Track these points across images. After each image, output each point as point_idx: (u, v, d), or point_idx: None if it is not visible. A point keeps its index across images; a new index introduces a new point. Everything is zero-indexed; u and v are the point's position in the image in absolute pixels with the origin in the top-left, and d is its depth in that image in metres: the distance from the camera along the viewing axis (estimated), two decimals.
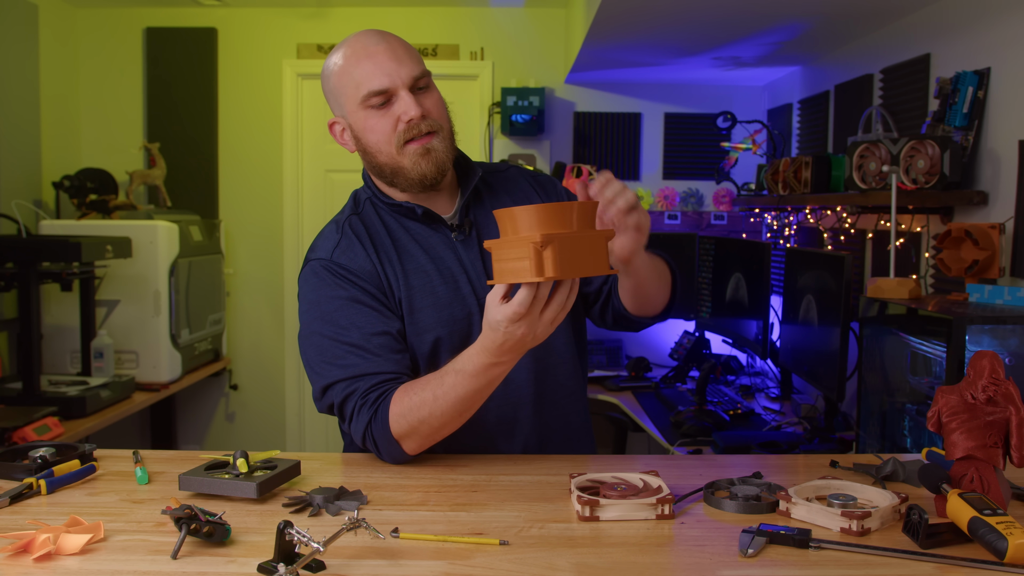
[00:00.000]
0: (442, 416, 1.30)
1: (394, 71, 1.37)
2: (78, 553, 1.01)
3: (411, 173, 1.41)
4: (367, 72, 1.37)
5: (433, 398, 1.29)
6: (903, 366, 2.20)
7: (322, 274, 1.43)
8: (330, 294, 1.41)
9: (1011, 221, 2.18)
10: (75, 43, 4.11)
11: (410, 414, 1.31)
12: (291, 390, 4.29)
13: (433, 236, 1.47)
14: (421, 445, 1.35)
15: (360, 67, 1.38)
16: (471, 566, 0.99)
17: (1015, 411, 1.13)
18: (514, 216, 1.13)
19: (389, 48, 1.38)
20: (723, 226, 4.18)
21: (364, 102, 1.38)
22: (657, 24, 2.99)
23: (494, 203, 1.52)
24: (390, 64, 1.37)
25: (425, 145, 1.39)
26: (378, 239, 1.46)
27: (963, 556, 1.00)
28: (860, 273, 3.04)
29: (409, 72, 1.38)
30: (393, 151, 1.40)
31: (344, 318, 1.39)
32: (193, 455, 1.42)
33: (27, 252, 2.74)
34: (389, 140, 1.39)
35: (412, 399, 1.31)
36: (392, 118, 1.39)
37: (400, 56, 1.38)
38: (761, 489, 1.21)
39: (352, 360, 1.37)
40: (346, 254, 1.44)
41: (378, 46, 1.38)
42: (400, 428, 1.32)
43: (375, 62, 1.37)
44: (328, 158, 4.26)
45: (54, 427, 2.50)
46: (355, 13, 4.17)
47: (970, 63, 2.41)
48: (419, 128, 1.38)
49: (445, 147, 1.42)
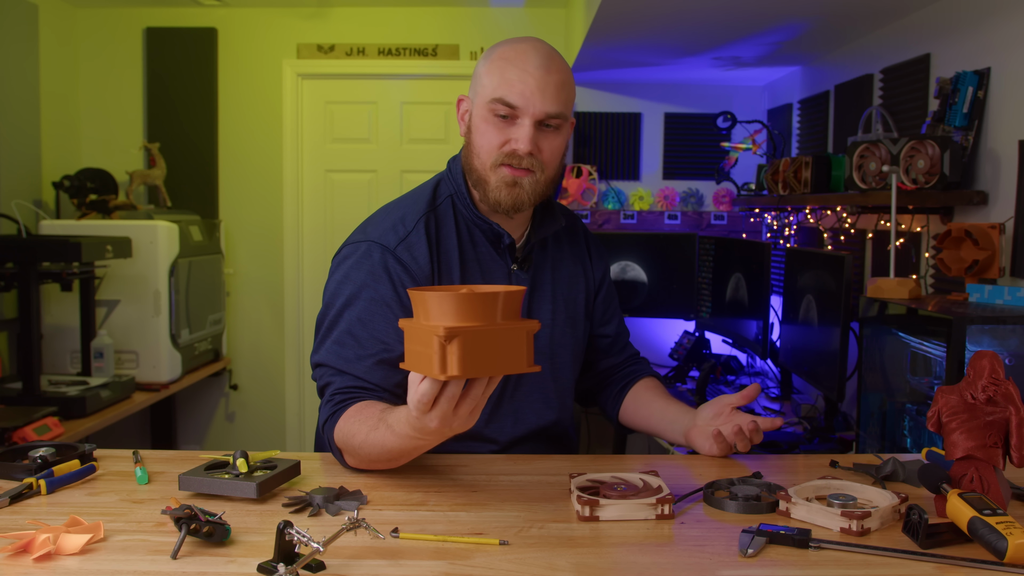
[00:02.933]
0: (368, 456, 1.27)
1: (533, 97, 1.35)
2: (78, 553, 1.01)
3: (490, 192, 1.40)
4: (511, 81, 1.35)
5: (364, 436, 1.25)
6: (903, 366, 2.20)
7: (375, 261, 1.39)
8: (367, 282, 1.38)
9: (1011, 221, 2.18)
10: (75, 43, 4.11)
11: (348, 437, 1.29)
12: (291, 390, 4.29)
13: (496, 261, 1.48)
14: (358, 466, 1.31)
15: (509, 72, 1.36)
16: (471, 566, 0.99)
17: (1015, 411, 1.13)
18: (425, 300, 1.02)
19: (544, 76, 1.35)
20: (723, 226, 4.18)
21: (490, 104, 1.37)
22: (657, 24, 2.99)
23: (556, 242, 1.58)
24: (534, 90, 1.35)
25: (516, 177, 1.38)
26: (445, 247, 1.44)
27: (963, 556, 1.00)
28: (860, 273, 3.04)
29: (544, 108, 1.35)
30: (487, 163, 1.39)
31: (366, 312, 1.37)
32: (193, 455, 1.42)
33: (27, 252, 2.74)
34: (490, 152, 1.39)
35: (352, 425, 1.28)
36: (504, 136, 1.38)
37: (547, 89, 1.35)
38: (761, 489, 1.21)
39: (349, 354, 1.37)
40: (410, 252, 1.40)
41: (537, 69, 1.36)
42: (341, 442, 1.31)
43: (523, 79, 1.35)
44: (328, 158, 4.26)
45: (54, 427, 2.49)
46: (355, 13, 4.17)
47: (970, 63, 2.41)
48: (519, 161, 1.37)
49: (534, 190, 1.39)
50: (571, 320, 1.57)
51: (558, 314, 1.54)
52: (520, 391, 1.52)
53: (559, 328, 1.54)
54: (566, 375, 1.57)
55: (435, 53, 4.18)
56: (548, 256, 1.56)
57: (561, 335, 1.55)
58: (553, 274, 1.55)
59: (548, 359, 1.53)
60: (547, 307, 1.53)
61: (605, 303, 1.66)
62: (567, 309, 1.56)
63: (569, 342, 1.57)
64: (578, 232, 1.65)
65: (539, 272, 1.53)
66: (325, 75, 4.22)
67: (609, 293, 1.68)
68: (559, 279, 1.56)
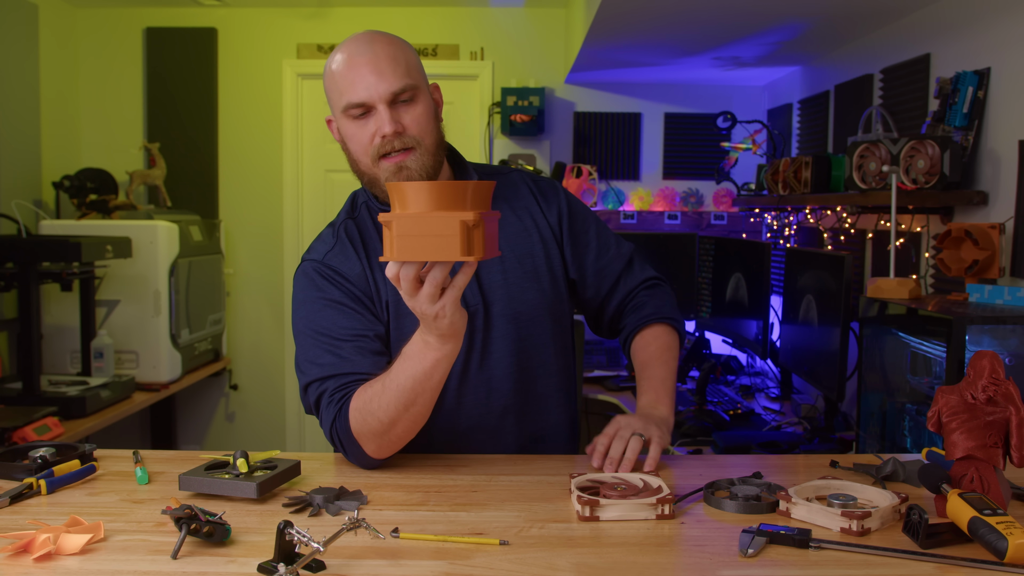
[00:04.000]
0: (388, 407, 1.28)
1: (373, 85, 1.36)
2: (78, 553, 1.01)
3: (384, 186, 1.41)
4: (349, 83, 1.37)
5: (382, 388, 1.28)
6: (903, 366, 2.20)
7: (312, 275, 1.45)
8: (315, 295, 1.43)
9: (1011, 221, 2.18)
10: (75, 43, 4.11)
11: (364, 408, 1.30)
12: (291, 390, 4.29)
13: None
14: (380, 446, 1.33)
15: (344, 77, 1.38)
16: (471, 566, 0.99)
17: (1015, 411, 1.13)
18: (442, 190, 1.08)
19: (373, 60, 1.37)
20: (723, 226, 4.18)
21: (344, 113, 1.39)
22: (657, 24, 2.99)
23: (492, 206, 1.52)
24: (371, 78, 1.36)
25: (399, 163, 1.39)
26: (370, 244, 1.48)
27: (963, 556, 1.00)
28: (860, 273, 3.04)
29: (388, 87, 1.36)
30: (369, 162, 1.41)
31: (326, 319, 1.40)
32: (193, 455, 1.42)
33: (27, 252, 2.74)
34: (366, 151, 1.40)
35: (366, 392, 1.31)
36: (369, 131, 1.39)
37: (382, 69, 1.36)
38: (761, 489, 1.21)
39: (328, 359, 1.38)
40: (338, 257, 1.46)
41: (363, 56, 1.37)
42: (357, 424, 1.31)
43: (358, 74, 1.36)
44: (328, 158, 4.26)
45: (54, 427, 2.49)
46: (355, 13, 4.17)
47: (970, 63, 2.41)
48: (392, 145, 1.38)
49: (421, 164, 1.40)
50: (531, 275, 1.51)
51: (510, 273, 1.49)
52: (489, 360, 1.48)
53: (515, 286, 1.49)
54: (541, 335, 1.51)
55: (435, 53, 4.18)
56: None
57: (520, 292, 1.49)
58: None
59: (511, 321, 1.48)
60: (496, 268, 1.48)
61: (574, 239, 1.57)
62: (521, 265, 1.50)
63: (535, 299, 1.50)
64: (519, 186, 1.59)
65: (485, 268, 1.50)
66: None
67: (578, 229, 1.58)
68: (505, 237, 1.51)
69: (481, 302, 1.47)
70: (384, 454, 1.35)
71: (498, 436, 1.50)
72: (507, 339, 1.48)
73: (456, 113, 4.22)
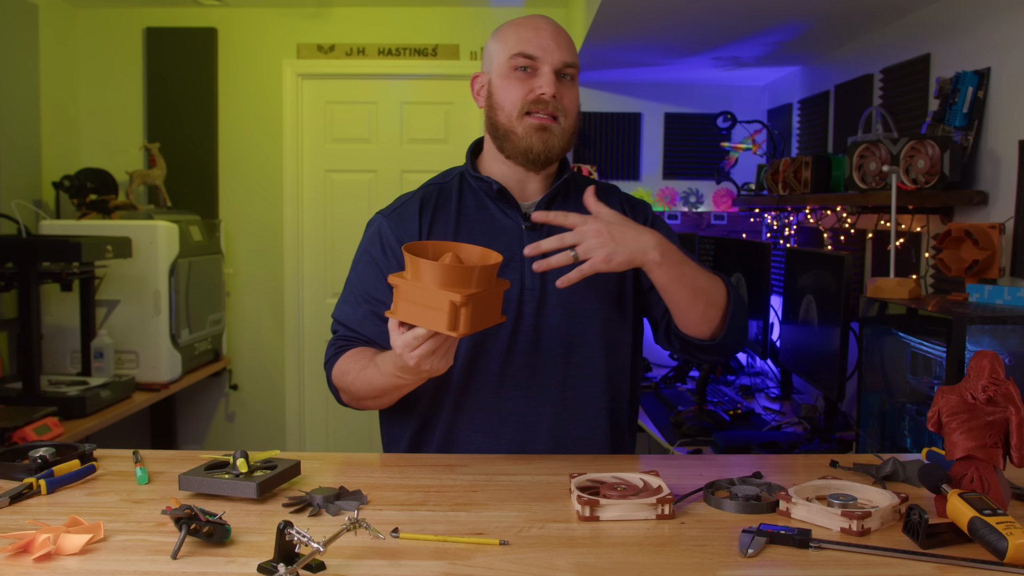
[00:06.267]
0: (357, 392, 1.43)
1: (550, 48, 1.46)
2: (78, 553, 1.01)
3: (520, 142, 1.47)
4: (525, 38, 1.47)
5: (356, 374, 1.41)
6: (903, 366, 2.20)
7: (373, 227, 1.57)
8: (366, 246, 1.56)
9: (1011, 221, 2.18)
10: (75, 43, 4.11)
11: (343, 375, 1.45)
12: (291, 390, 4.29)
13: (505, 220, 1.53)
14: (350, 402, 1.49)
15: (521, 31, 1.48)
16: (471, 566, 0.99)
17: (1015, 411, 1.13)
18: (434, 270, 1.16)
19: (555, 31, 1.49)
20: (723, 226, 4.18)
21: (511, 60, 1.47)
22: (657, 24, 2.99)
23: (578, 204, 1.54)
24: (550, 42, 1.46)
25: (544, 124, 1.46)
26: (443, 210, 1.54)
27: (963, 556, 1.00)
28: (860, 273, 3.04)
29: (561, 57, 1.46)
30: (513, 115, 1.47)
31: (362, 274, 1.54)
32: (193, 455, 1.42)
33: (27, 252, 2.74)
34: (515, 103, 1.47)
35: (347, 364, 1.44)
36: (527, 86, 1.46)
37: (560, 41, 1.48)
38: (761, 489, 1.21)
39: (349, 310, 1.52)
40: (396, 217, 1.54)
41: (547, 26, 1.49)
42: (337, 380, 1.47)
43: (537, 34, 1.47)
44: (328, 158, 4.26)
45: (54, 427, 2.49)
46: (355, 13, 4.17)
47: (970, 63, 2.41)
48: (545, 105, 1.45)
49: (561, 136, 1.48)
50: (598, 280, 1.51)
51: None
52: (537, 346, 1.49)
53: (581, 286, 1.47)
54: (592, 335, 1.52)
55: (435, 53, 4.18)
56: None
57: (585, 294, 1.51)
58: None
59: (566, 314, 1.50)
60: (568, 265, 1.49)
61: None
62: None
63: (595, 300, 1.52)
64: (610, 198, 1.61)
65: (556, 230, 1.49)
66: (325, 75, 4.22)
67: None
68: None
69: (539, 287, 1.49)
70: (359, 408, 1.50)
71: (535, 424, 1.49)
72: (558, 331, 1.50)
73: (456, 113, 4.22)
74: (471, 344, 1.47)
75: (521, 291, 1.49)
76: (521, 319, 1.49)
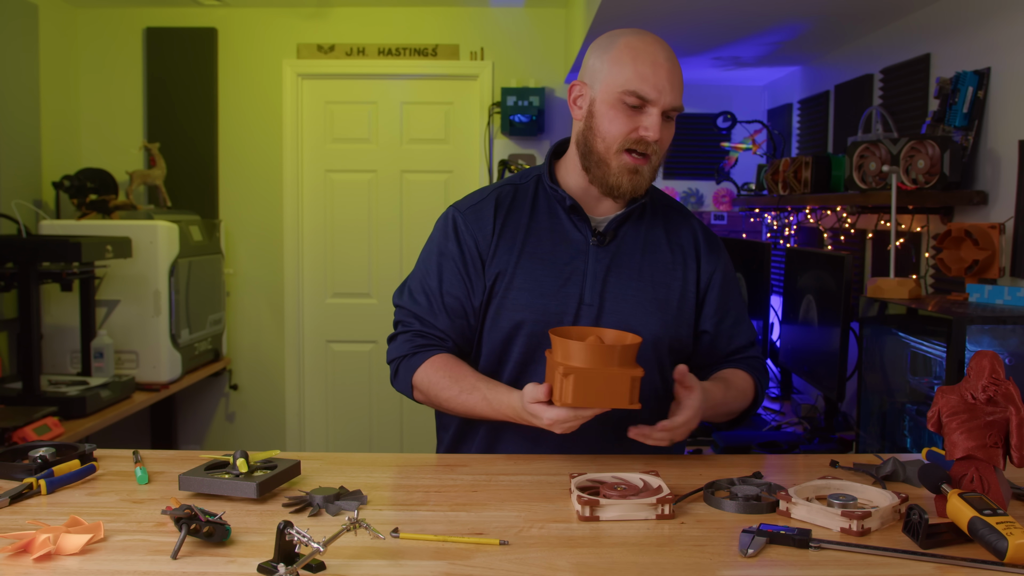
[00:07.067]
0: (450, 408, 1.48)
1: (665, 91, 1.43)
2: (78, 553, 1.01)
3: (610, 177, 1.48)
4: (643, 75, 1.43)
5: (456, 394, 1.45)
6: (903, 366, 2.20)
7: (447, 221, 1.58)
8: (441, 240, 1.57)
9: (1011, 221, 2.18)
10: (75, 43, 4.11)
11: (432, 384, 1.48)
12: (291, 390, 4.29)
13: (574, 233, 1.54)
14: (426, 403, 1.53)
15: (639, 65, 1.44)
16: (471, 566, 0.99)
17: (1015, 411, 1.13)
18: (615, 352, 1.25)
19: (671, 70, 1.45)
20: (723, 226, 4.18)
21: (622, 95, 1.44)
22: (657, 24, 2.99)
23: (651, 226, 1.58)
24: (666, 84, 1.43)
25: (638, 166, 1.47)
26: (515, 213, 1.55)
27: (963, 556, 1.00)
28: (860, 273, 3.04)
29: (672, 101, 1.45)
30: (612, 148, 1.47)
31: (435, 265, 1.56)
32: (193, 455, 1.42)
33: (27, 252, 2.74)
34: (616, 138, 1.46)
35: (442, 377, 1.47)
36: (633, 123, 1.45)
37: (675, 83, 1.45)
38: (761, 489, 1.21)
39: (423, 301, 1.55)
40: (472, 215, 1.56)
41: (666, 63, 1.45)
42: (420, 383, 1.51)
43: (655, 72, 1.43)
44: (328, 158, 4.26)
45: (54, 427, 2.49)
46: (355, 13, 4.17)
47: (970, 63, 2.41)
48: (645, 148, 1.46)
49: (649, 176, 1.50)
50: (659, 304, 1.53)
51: (643, 292, 1.52)
52: None
53: (639, 305, 1.51)
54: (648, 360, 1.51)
55: (435, 53, 4.18)
56: (641, 237, 1.56)
57: (644, 314, 1.51)
58: (643, 255, 1.55)
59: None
60: (632, 284, 1.52)
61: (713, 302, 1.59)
62: (655, 291, 1.53)
63: (653, 325, 1.52)
64: (690, 226, 1.62)
65: (624, 249, 1.54)
66: (325, 75, 4.22)
67: (723, 295, 1.60)
68: (651, 262, 1.54)
69: (598, 303, 1.50)
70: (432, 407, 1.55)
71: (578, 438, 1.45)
72: None
73: (456, 113, 4.22)
74: (523, 352, 1.50)
75: (579, 305, 1.50)
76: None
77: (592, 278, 1.50)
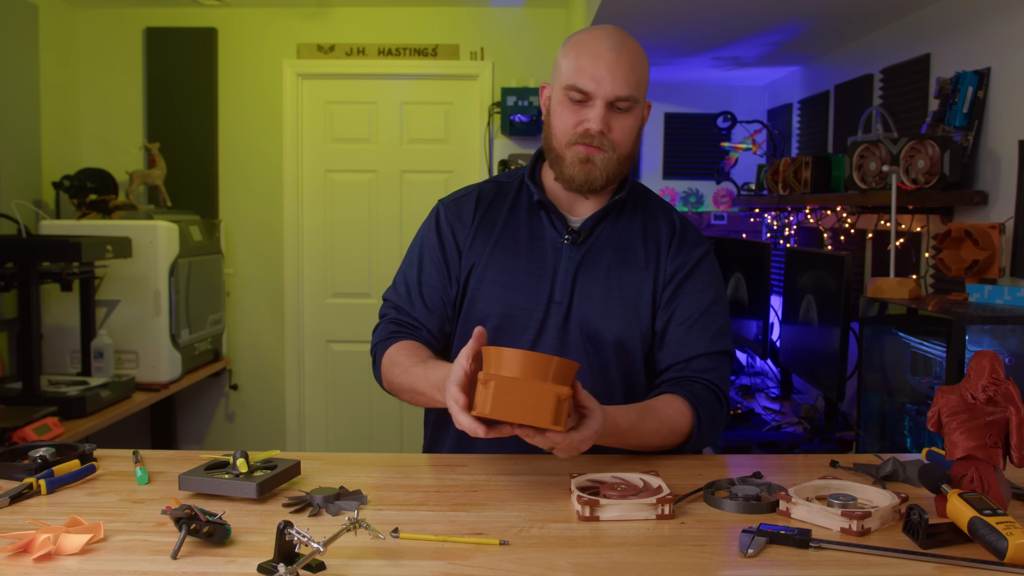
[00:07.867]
0: (400, 389, 1.49)
1: (603, 81, 1.43)
2: (78, 553, 1.01)
3: (565, 169, 1.49)
4: (582, 68, 1.44)
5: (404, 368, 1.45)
6: (903, 366, 2.20)
7: (433, 214, 1.63)
8: (424, 233, 1.62)
9: (1011, 221, 2.18)
10: (75, 43, 4.11)
11: (391, 366, 1.50)
12: (291, 390, 4.29)
13: (548, 230, 1.55)
14: (388, 388, 1.54)
15: (580, 59, 1.45)
16: (471, 566, 0.99)
17: (1015, 411, 1.13)
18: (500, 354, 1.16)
19: (614, 60, 1.43)
20: (723, 226, 4.18)
21: (566, 90, 1.46)
22: (657, 24, 2.99)
23: (628, 225, 1.57)
24: (605, 74, 1.43)
25: (589, 154, 1.46)
26: (495, 209, 1.58)
27: (963, 556, 1.00)
28: (860, 273, 3.04)
29: (614, 91, 1.43)
30: (563, 141, 1.48)
31: (417, 256, 1.60)
32: (193, 455, 1.42)
33: (27, 252, 2.74)
34: (566, 132, 1.47)
35: (400, 356, 1.48)
36: (577, 117, 1.46)
37: (617, 72, 1.43)
38: (761, 489, 1.21)
39: (403, 291, 1.59)
40: (454, 208, 1.60)
41: (608, 52, 1.44)
42: (386, 365, 1.52)
43: (595, 64, 1.43)
44: (328, 158, 4.26)
45: (54, 427, 2.49)
46: (355, 13, 4.17)
47: (970, 63, 2.41)
48: (590, 139, 1.45)
49: (606, 167, 1.47)
50: (625, 303, 1.51)
51: (610, 291, 1.51)
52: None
53: (604, 305, 1.50)
54: (608, 358, 1.50)
55: (435, 53, 4.18)
56: (616, 236, 1.55)
57: (607, 313, 1.50)
58: (615, 254, 1.53)
59: (588, 337, 1.49)
60: (598, 282, 1.51)
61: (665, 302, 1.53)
62: (622, 290, 1.51)
63: (616, 324, 1.50)
64: (669, 225, 1.58)
65: (596, 247, 1.53)
66: (325, 75, 4.22)
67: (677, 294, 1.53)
68: (622, 260, 1.53)
69: (567, 301, 1.50)
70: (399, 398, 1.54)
71: None
72: (578, 345, 1.50)
73: (456, 113, 4.22)
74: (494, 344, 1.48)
75: (549, 303, 1.50)
76: (545, 331, 1.50)
77: (563, 276, 1.51)
